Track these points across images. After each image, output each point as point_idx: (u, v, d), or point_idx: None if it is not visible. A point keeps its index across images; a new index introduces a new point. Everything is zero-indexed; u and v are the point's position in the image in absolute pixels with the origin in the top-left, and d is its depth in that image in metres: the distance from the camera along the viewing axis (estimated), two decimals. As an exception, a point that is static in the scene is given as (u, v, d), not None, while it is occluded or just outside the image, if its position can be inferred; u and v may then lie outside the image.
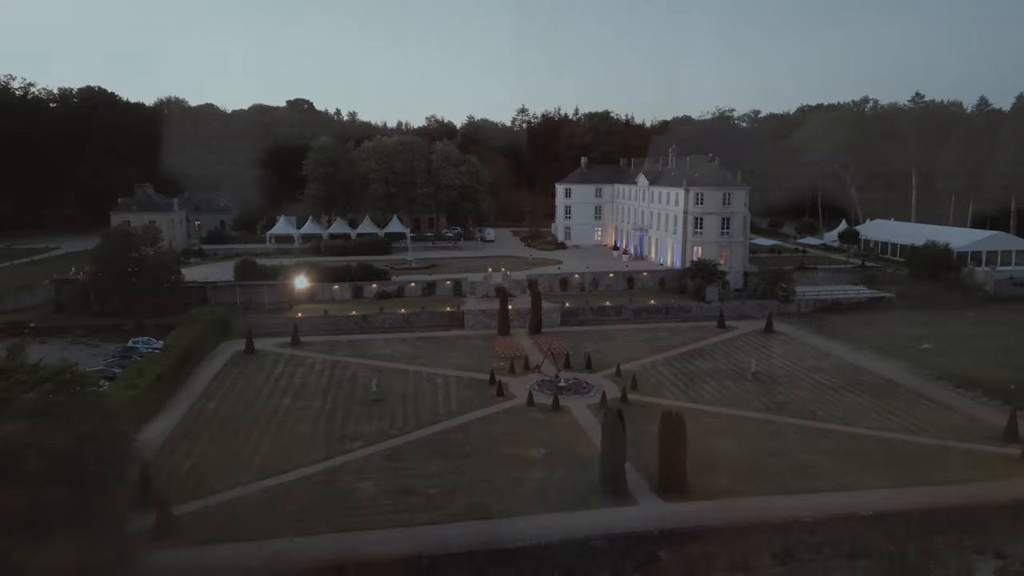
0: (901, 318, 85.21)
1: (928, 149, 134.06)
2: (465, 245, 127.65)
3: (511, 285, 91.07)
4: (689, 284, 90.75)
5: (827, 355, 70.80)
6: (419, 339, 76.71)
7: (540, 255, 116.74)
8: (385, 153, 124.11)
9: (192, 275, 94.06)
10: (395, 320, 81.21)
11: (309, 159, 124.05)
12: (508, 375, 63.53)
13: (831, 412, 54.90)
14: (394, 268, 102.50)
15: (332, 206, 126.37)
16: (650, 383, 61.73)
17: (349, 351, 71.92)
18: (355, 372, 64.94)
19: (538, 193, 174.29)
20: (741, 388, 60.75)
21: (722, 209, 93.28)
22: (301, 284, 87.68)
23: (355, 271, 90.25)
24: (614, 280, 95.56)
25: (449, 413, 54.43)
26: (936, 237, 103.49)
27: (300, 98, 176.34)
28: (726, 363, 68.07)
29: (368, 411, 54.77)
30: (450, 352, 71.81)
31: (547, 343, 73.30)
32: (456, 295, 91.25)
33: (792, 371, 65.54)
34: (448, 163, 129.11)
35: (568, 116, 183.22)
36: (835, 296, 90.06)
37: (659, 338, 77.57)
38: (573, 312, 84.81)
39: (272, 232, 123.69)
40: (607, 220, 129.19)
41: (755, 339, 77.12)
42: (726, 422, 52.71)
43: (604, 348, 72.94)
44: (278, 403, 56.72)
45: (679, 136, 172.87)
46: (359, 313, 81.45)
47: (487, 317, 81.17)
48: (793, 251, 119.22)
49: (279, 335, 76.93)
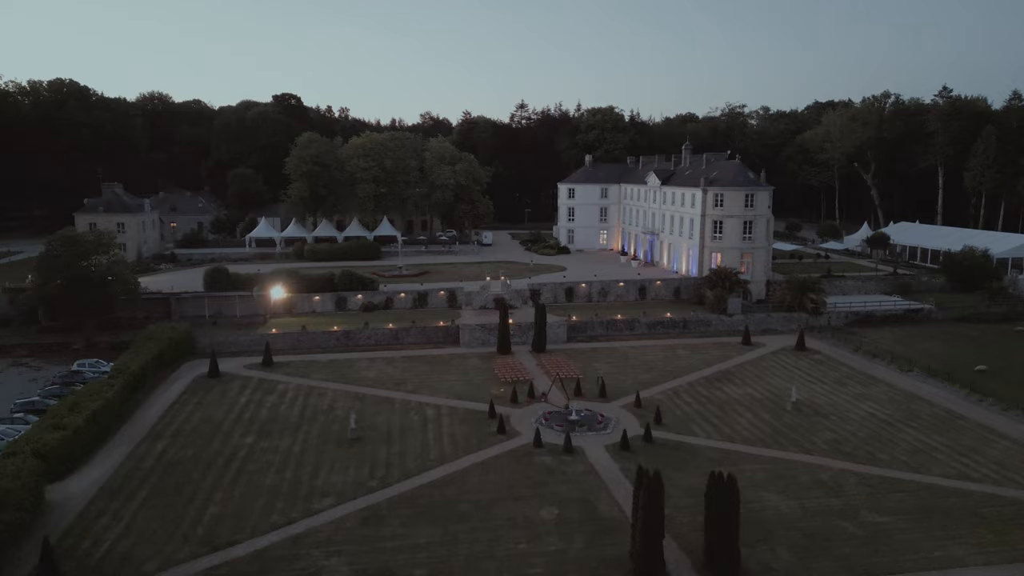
0: (944, 333, 76.75)
1: (956, 147, 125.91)
2: (460, 249, 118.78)
3: (511, 295, 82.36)
4: (708, 295, 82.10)
5: (872, 379, 62.24)
6: (408, 359, 67.94)
7: (542, 260, 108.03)
8: (375, 150, 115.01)
9: (158, 284, 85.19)
10: (382, 336, 72.42)
11: (292, 156, 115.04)
12: (510, 405, 54.85)
13: (894, 455, 46.32)
14: (382, 275, 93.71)
15: (317, 207, 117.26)
16: (675, 415, 53.09)
17: (328, 374, 63.10)
18: (333, 401, 56.12)
19: (538, 193, 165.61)
20: (781, 421, 52.13)
21: (744, 212, 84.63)
22: (278, 295, 78.78)
23: (338, 280, 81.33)
24: (624, 290, 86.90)
25: (441, 457, 45.64)
26: (972, 242, 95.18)
27: (287, 92, 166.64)
28: (759, 389, 59.46)
29: (345, 454, 45.96)
30: (443, 375, 63.07)
31: (554, 364, 64.66)
32: (451, 306, 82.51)
33: (836, 400, 56.96)
34: (443, 161, 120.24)
35: (570, 113, 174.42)
36: (869, 308, 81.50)
37: (678, 357, 68.97)
38: (581, 326, 76.16)
39: (252, 235, 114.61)
40: (613, 223, 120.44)
41: (787, 359, 68.55)
42: (772, 468, 44.06)
43: (618, 370, 64.34)
44: (239, 443, 47.87)
45: (686, 133, 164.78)
46: (341, 328, 72.60)
47: (485, 332, 72.47)
48: (815, 256, 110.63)
49: (250, 354, 68.14)
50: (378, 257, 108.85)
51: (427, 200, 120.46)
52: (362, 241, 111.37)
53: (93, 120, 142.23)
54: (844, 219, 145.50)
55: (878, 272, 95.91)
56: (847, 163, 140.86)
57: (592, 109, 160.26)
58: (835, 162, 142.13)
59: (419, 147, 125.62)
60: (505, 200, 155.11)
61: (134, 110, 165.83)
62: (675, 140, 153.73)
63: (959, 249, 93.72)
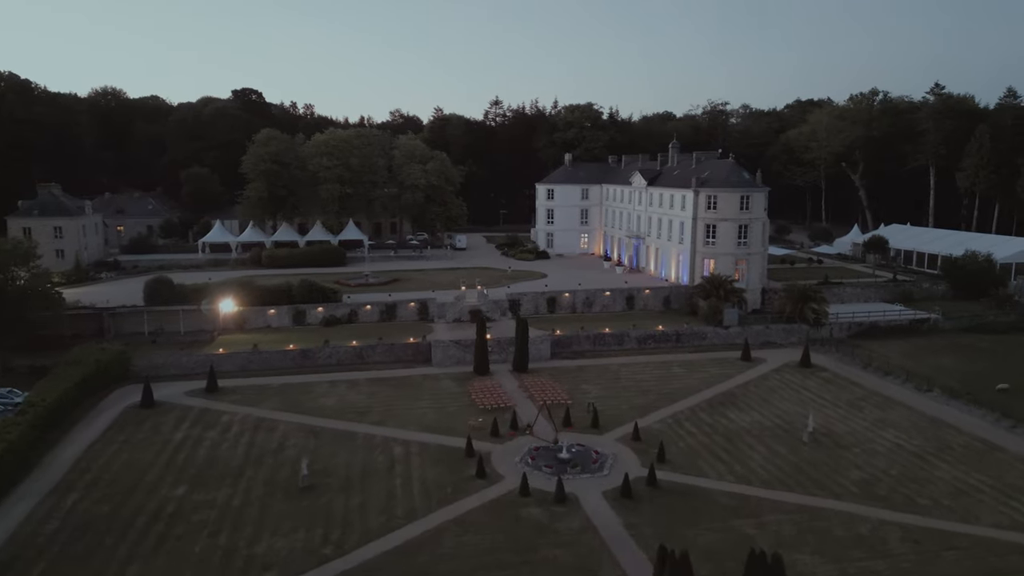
0: (953, 346, 71.37)
1: (948, 146, 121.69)
2: (432, 254, 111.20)
3: (488, 306, 75.26)
4: (702, 305, 75.79)
5: (889, 401, 56.29)
6: (374, 382, 60.42)
7: (520, 266, 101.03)
8: (339, 147, 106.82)
9: (96, 296, 76.40)
10: (344, 355, 64.74)
11: (249, 154, 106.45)
12: (490, 439, 47.74)
13: (935, 498, 40.12)
14: (347, 283, 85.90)
15: (277, 209, 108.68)
16: (680, 450, 46.45)
17: (281, 401, 55.33)
18: (284, 437, 48.43)
19: (515, 194, 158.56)
20: (800, 456, 45.75)
21: (739, 215, 78.49)
22: (228, 308, 70.60)
23: (296, 291, 73.36)
24: (611, 299, 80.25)
25: (410, 511, 38.31)
26: (973, 246, 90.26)
27: (247, 87, 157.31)
28: (768, 415, 53.11)
29: (294, 509, 38.40)
30: (413, 401, 55.72)
31: (538, 387, 57.69)
32: (422, 319, 75.07)
33: (855, 427, 50.81)
34: (413, 159, 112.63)
35: (546, 110, 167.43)
36: (873, 318, 75.88)
37: (674, 376, 62.46)
38: (565, 341, 69.31)
39: (206, 240, 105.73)
40: (595, 225, 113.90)
41: (792, 377, 62.41)
42: (801, 519, 37.52)
43: (609, 393, 57.64)
44: (167, 496, 40.01)
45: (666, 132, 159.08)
46: (298, 347, 64.75)
47: (460, 349, 65.25)
48: (808, 261, 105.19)
49: (193, 377, 60.02)
50: (343, 263, 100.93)
51: (396, 201, 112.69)
52: (325, 246, 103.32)
53: (34, 116, 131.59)
54: (830, 221, 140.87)
55: (877, 278, 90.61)
56: (834, 163, 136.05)
57: (570, 106, 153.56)
58: (821, 162, 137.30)
59: (387, 145, 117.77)
60: (479, 201, 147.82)
61: (81, 105, 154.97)
62: (656, 139, 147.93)
63: (957, 253, 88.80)
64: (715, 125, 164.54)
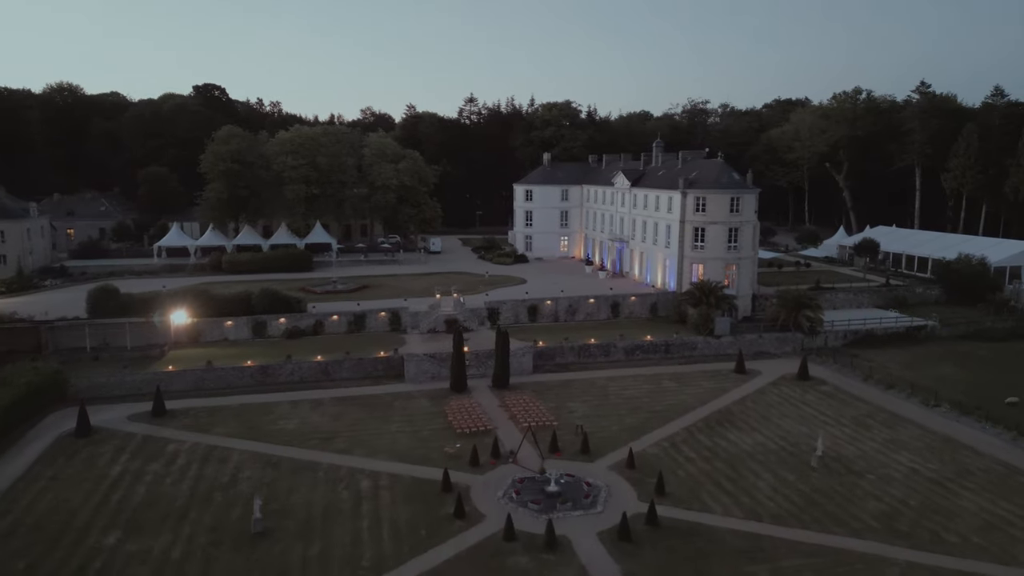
0: (953, 354, 68.20)
1: (934, 146, 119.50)
2: (405, 258, 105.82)
3: (466, 315, 70.38)
4: (691, 313, 71.67)
5: (896, 418, 52.56)
6: (340, 401, 55.19)
7: (498, 271, 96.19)
8: (305, 145, 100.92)
9: (35, 306, 69.90)
10: (308, 371, 59.37)
11: (208, 153, 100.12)
12: (469, 469, 42.93)
13: (963, 534, 36.17)
14: (313, 290, 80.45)
15: (239, 211, 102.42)
16: (679, 479, 42.04)
17: (236, 426, 49.88)
18: (237, 469, 43.10)
19: (491, 194, 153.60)
20: (810, 485, 41.61)
21: (729, 217, 74.51)
22: (180, 320, 64.75)
23: (257, 301, 67.71)
24: (595, 307, 75.81)
25: (378, 562, 33.32)
26: (965, 249, 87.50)
27: (210, 83, 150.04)
28: (770, 435, 49.01)
29: (243, 562, 33.18)
30: (384, 424, 50.65)
31: (520, 406, 53.00)
32: (393, 330, 69.91)
33: (866, 449, 46.87)
34: (384, 159, 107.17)
35: (523, 108, 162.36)
36: (869, 325, 72.48)
37: (666, 392, 58.19)
38: (549, 353, 64.69)
39: (162, 244, 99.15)
40: (575, 228, 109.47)
41: (790, 391, 58.49)
42: (821, 563, 33.31)
43: (598, 411, 53.22)
44: (96, 545, 34.52)
45: (646, 131, 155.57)
46: (257, 363, 59.20)
47: (435, 364, 60.28)
48: (795, 265, 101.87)
49: (139, 398, 54.24)
50: (310, 268, 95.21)
51: (366, 203, 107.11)
52: (291, 250, 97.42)
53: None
54: (813, 223, 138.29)
55: (869, 283, 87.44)
56: (818, 163, 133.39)
57: (547, 104, 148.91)
58: (804, 162, 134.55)
59: (357, 143, 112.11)
60: (454, 202, 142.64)
61: (32, 101, 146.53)
62: (636, 138, 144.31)
63: (949, 256, 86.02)
64: (695, 124, 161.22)
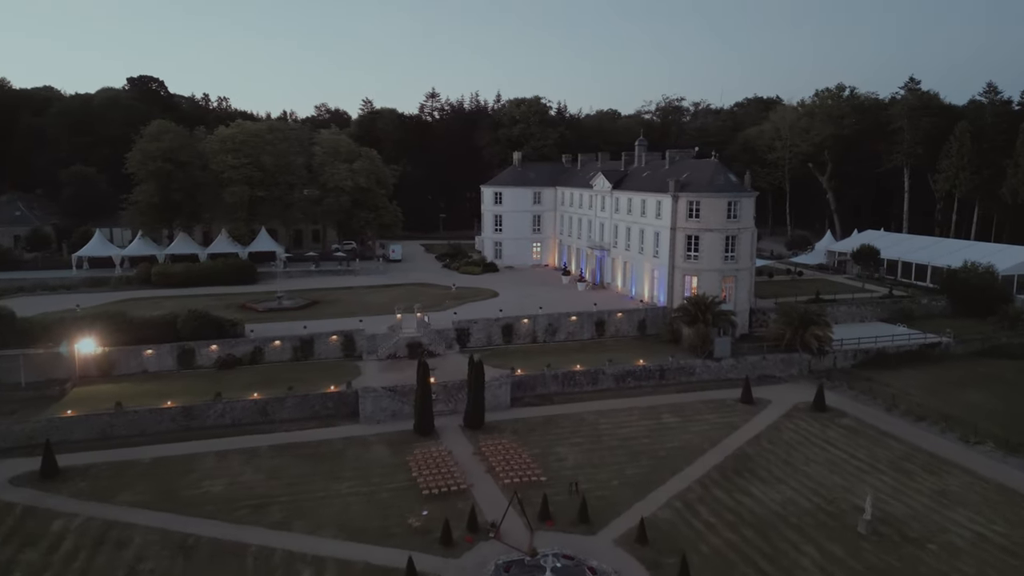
0: (975, 376, 61.49)
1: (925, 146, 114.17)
2: (362, 267, 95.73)
3: (431, 338, 61.22)
4: (686, 333, 63.61)
5: (938, 461, 45.10)
6: (280, 450, 45.49)
7: (466, 281, 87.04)
8: (248, 143, 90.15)
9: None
10: (242, 412, 49.44)
11: (135, 151, 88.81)
12: (440, 549, 33.93)
13: (1073, 634, 28.43)
14: (253, 308, 70.33)
15: (173, 216, 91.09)
16: (703, 557, 33.65)
17: (145, 491, 39.83)
18: (138, 558, 33.28)
19: (455, 196, 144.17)
20: (864, 562, 33.60)
21: (727, 224, 66.67)
22: (88, 350, 54.11)
23: (183, 325, 57.33)
24: (578, 325, 67.24)
25: None
26: (969, 256, 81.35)
27: (145, 75, 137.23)
28: (800, 488, 40.99)
29: None
30: (332, 483, 41.17)
31: (501, 456, 44.10)
32: (347, 356, 60.31)
33: (915, 507, 39.11)
34: (337, 157, 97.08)
35: (488, 104, 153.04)
36: (880, 343, 65.40)
37: (667, 429, 49.92)
38: (529, 382, 55.88)
39: (83, 253, 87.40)
40: (548, 234, 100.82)
41: (808, 426, 50.72)
42: None
43: (591, 457, 44.81)
44: None
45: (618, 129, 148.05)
46: (180, 403, 49.01)
47: (396, 399, 50.94)
48: (787, 273, 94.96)
49: (29, 451, 43.78)
50: (253, 280, 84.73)
51: (318, 206, 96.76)
52: (232, 260, 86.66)
53: None
54: (795, 227, 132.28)
55: (871, 294, 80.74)
56: (800, 164, 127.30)
57: (515, 100, 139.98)
58: (786, 163, 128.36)
59: (307, 140, 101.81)
60: (416, 204, 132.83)
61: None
62: (609, 136, 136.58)
63: (951, 263, 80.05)
64: (669, 123, 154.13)
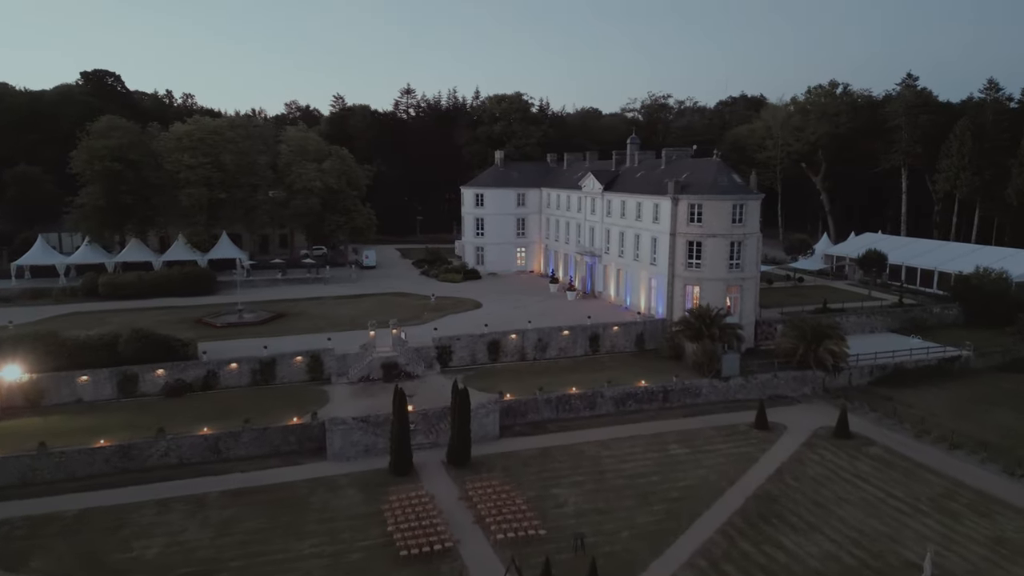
0: (999, 393, 56.77)
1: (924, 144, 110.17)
2: (333, 275, 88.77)
3: (409, 357, 54.84)
4: (690, 349, 57.96)
5: (985, 498, 39.86)
6: (234, 496, 38.89)
7: (446, 290, 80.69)
8: (206, 140, 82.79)
9: None
10: (190, 450, 42.68)
11: (81, 150, 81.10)
12: (422, 635, 27.53)
13: None
14: (211, 324, 63.44)
15: (124, 221, 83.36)
16: (742, 640, 27.70)
17: (63, 556, 33.05)
18: (43, 657, 26.50)
19: (432, 197, 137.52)
20: (932, 638, 27.95)
21: (731, 229, 61.15)
22: (13, 376, 46.93)
23: (125, 346, 50.28)
24: (570, 340, 61.28)
25: None
26: (980, 260, 77.02)
27: (100, 69, 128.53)
28: (836, 536, 35.44)
29: None
30: (293, 540, 34.70)
31: (491, 501, 37.91)
32: (313, 379, 53.69)
33: (975, 560, 33.76)
34: (304, 157, 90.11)
35: (467, 101, 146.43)
36: (898, 358, 60.33)
37: (677, 462, 44.19)
38: (519, 408, 49.79)
39: (23, 262, 79.54)
40: (533, 238, 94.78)
41: (834, 457, 45.28)
42: None
43: (596, 503, 38.84)
44: None
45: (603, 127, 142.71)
46: (116, 441, 42.09)
47: (369, 431, 44.52)
48: (787, 279, 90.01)
49: (-73, 507, 36.67)
50: (213, 291, 77.63)
51: (285, 209, 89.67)
52: (190, 268, 79.34)
53: None
54: (786, 229, 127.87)
55: (879, 302, 75.89)
56: (792, 163, 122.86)
57: (496, 96, 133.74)
58: (777, 162, 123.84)
59: (272, 138, 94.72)
60: (390, 206, 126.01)
61: None
62: (594, 135, 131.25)
63: (959, 268, 75.65)
64: (655, 120, 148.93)
